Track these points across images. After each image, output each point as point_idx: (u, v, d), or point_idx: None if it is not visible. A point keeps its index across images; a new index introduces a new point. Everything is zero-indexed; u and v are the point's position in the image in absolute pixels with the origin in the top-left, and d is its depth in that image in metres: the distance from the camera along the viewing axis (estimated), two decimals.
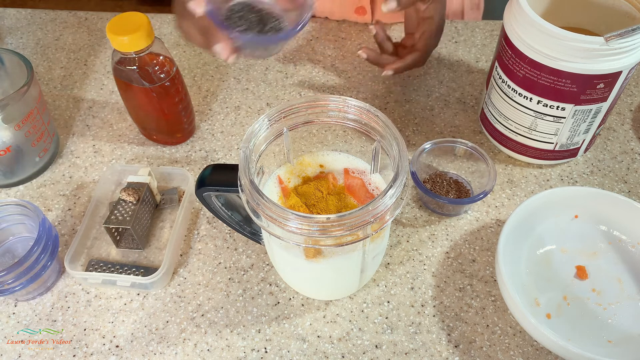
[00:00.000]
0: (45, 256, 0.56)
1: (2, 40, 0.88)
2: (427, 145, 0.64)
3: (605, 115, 0.63)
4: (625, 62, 0.56)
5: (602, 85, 0.58)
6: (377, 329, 0.56)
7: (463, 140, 0.65)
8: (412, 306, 0.57)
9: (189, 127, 0.72)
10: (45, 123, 0.68)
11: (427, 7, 0.71)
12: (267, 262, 0.61)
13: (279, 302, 0.58)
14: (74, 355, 0.55)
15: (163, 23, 0.90)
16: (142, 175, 0.63)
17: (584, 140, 0.66)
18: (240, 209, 0.57)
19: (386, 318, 0.57)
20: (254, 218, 0.47)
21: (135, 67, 0.63)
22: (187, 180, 0.65)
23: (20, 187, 0.68)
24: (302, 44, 0.85)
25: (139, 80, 0.63)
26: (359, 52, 0.73)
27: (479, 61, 0.82)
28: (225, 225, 0.60)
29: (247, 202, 0.47)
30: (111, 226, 0.59)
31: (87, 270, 0.60)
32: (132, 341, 0.56)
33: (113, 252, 0.62)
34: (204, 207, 0.55)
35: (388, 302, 0.58)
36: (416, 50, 0.71)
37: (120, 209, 0.60)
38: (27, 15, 0.92)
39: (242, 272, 0.60)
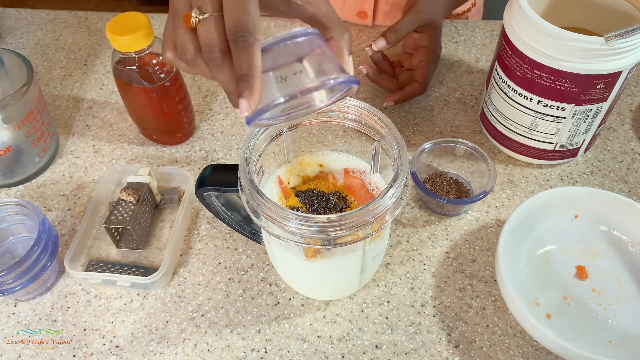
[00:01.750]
0: (45, 256, 0.56)
1: (2, 40, 0.88)
2: (427, 145, 0.64)
3: (605, 115, 0.63)
4: (625, 62, 0.56)
5: (602, 85, 0.58)
6: (377, 329, 0.56)
7: (463, 140, 0.65)
8: (412, 306, 0.57)
9: (189, 127, 0.72)
10: (45, 123, 0.68)
11: (421, 37, 0.72)
12: (267, 262, 0.61)
13: (279, 302, 0.58)
14: (74, 355, 0.55)
15: (163, 23, 0.90)
16: (142, 175, 0.63)
17: (584, 140, 0.66)
18: (240, 209, 0.57)
19: (386, 318, 0.57)
20: (254, 218, 0.47)
21: (135, 67, 0.63)
22: (187, 180, 0.65)
23: (20, 187, 0.68)
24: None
25: (139, 80, 0.63)
26: (360, 67, 0.74)
27: (479, 61, 0.82)
28: (225, 225, 0.60)
29: (247, 202, 0.47)
30: (111, 226, 0.59)
31: (87, 270, 0.60)
32: (132, 341, 0.56)
33: (113, 252, 0.62)
34: (204, 207, 0.55)
35: (388, 302, 0.58)
36: (415, 81, 0.72)
37: (120, 209, 0.60)
38: (27, 15, 0.92)
39: (242, 272, 0.60)
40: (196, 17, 0.41)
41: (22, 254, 0.55)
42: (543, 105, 0.61)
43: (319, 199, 0.52)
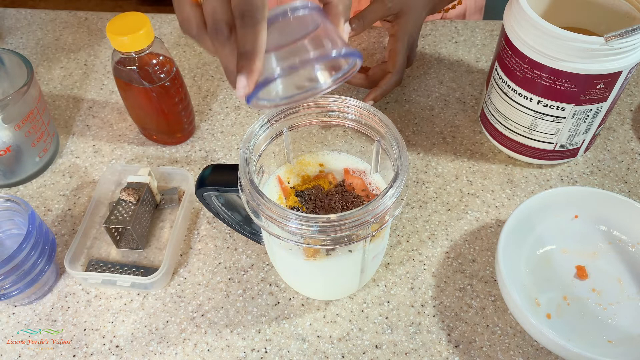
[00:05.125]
0: (43, 260, 0.56)
1: (2, 40, 0.88)
2: None
3: (605, 115, 0.63)
4: (625, 62, 0.56)
5: (602, 85, 0.58)
6: (377, 329, 0.56)
7: None
8: (412, 306, 0.57)
9: (189, 127, 0.72)
10: (45, 123, 0.68)
11: (392, 25, 0.69)
12: (267, 262, 0.61)
13: (279, 302, 0.58)
14: (74, 355, 0.55)
15: (163, 23, 0.90)
16: (142, 175, 0.63)
17: (584, 140, 0.66)
18: (240, 209, 0.57)
19: (386, 318, 0.57)
20: (254, 218, 0.47)
21: (135, 67, 0.63)
22: (187, 180, 0.65)
23: (20, 187, 0.68)
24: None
25: (139, 80, 0.63)
26: None
27: (479, 61, 0.82)
28: (225, 225, 0.60)
29: (247, 202, 0.47)
30: (111, 226, 0.59)
31: (87, 270, 0.60)
32: (132, 341, 0.56)
33: (113, 252, 0.62)
34: (204, 207, 0.55)
35: (388, 302, 0.58)
36: (388, 72, 0.69)
37: (120, 209, 0.60)
38: (27, 15, 0.92)
39: (242, 272, 0.60)
40: None
41: (11, 250, 0.53)
42: (543, 105, 0.61)
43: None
